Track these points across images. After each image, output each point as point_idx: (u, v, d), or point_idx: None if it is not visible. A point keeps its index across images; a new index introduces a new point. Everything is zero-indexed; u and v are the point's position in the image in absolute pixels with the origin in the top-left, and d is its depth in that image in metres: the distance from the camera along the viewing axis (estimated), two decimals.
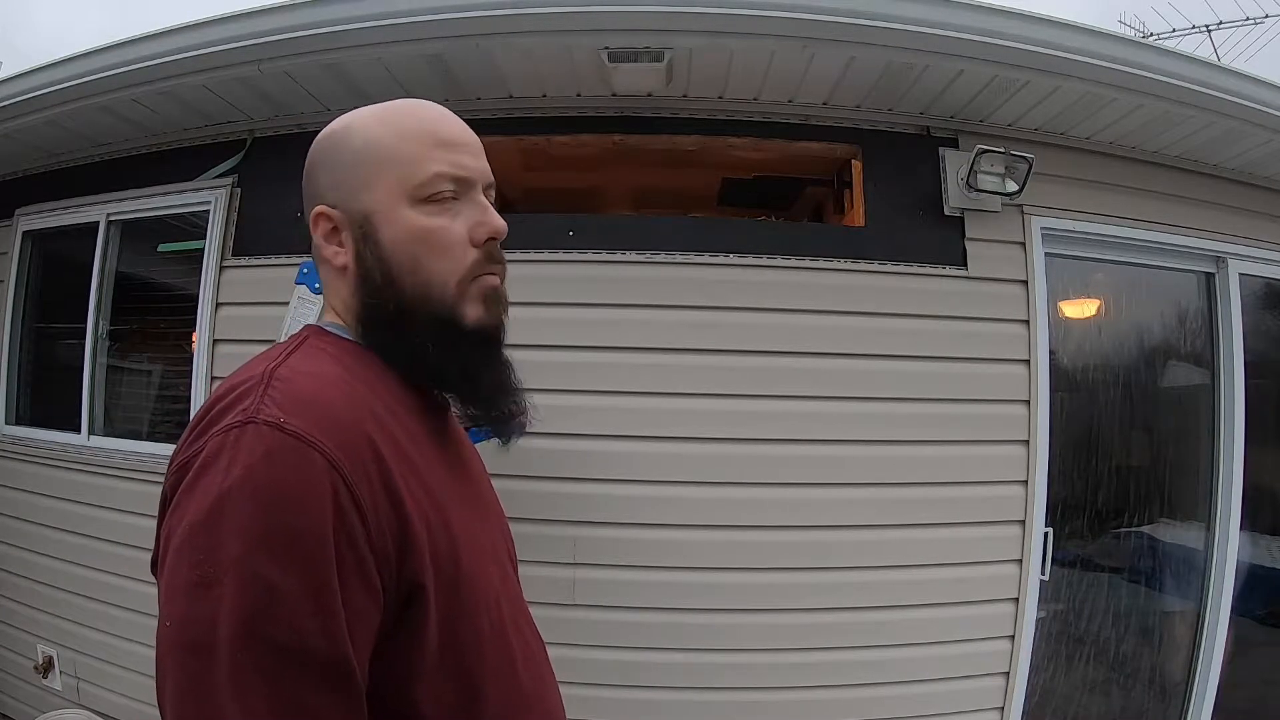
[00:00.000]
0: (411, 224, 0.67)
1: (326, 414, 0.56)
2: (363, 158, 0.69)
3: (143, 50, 2.20)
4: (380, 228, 0.68)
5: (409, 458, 0.62)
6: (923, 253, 2.24)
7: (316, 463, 0.53)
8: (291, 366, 0.61)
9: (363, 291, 0.69)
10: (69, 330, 2.87)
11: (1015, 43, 1.94)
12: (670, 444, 2.14)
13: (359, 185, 0.68)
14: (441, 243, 0.68)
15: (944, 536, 2.17)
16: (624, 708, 2.10)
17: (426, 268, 0.67)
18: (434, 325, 0.68)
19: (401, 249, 0.67)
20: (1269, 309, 2.76)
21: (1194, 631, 2.50)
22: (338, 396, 0.59)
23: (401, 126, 0.69)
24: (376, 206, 0.68)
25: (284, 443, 0.53)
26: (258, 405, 0.55)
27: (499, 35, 1.96)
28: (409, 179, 0.67)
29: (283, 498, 0.51)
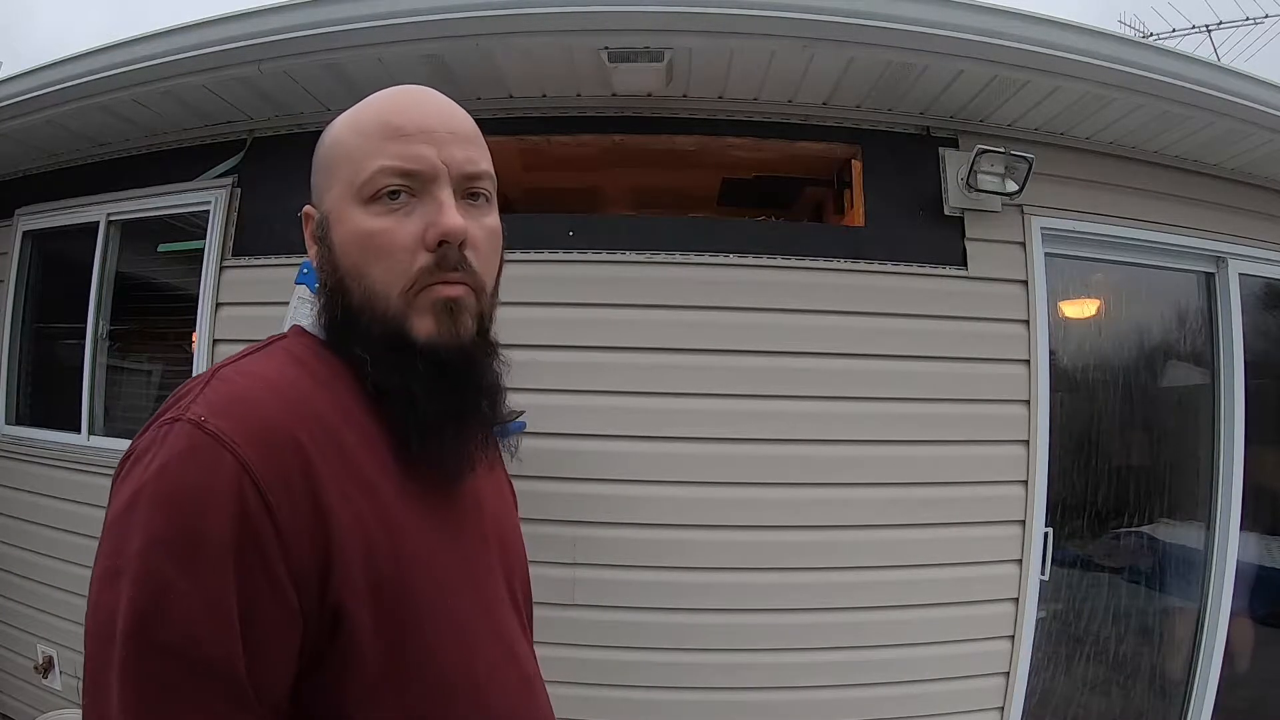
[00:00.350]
0: (354, 225, 0.62)
1: (252, 415, 0.54)
2: (328, 158, 0.66)
3: (143, 50, 2.20)
4: (332, 229, 0.64)
5: (359, 471, 0.57)
6: (923, 253, 2.24)
7: (226, 465, 0.50)
8: (241, 366, 0.59)
9: (321, 294, 0.66)
10: (69, 330, 2.87)
11: (1015, 43, 1.94)
12: (670, 444, 2.14)
13: (323, 186, 0.66)
14: (381, 246, 0.61)
15: (944, 536, 2.17)
16: (624, 708, 2.10)
17: (369, 274, 0.62)
18: (382, 338, 0.61)
19: (347, 251, 0.63)
20: (1269, 309, 2.76)
21: (1194, 631, 2.50)
22: (272, 398, 0.56)
23: (358, 120, 0.65)
24: (331, 207, 0.65)
25: (200, 442, 0.51)
26: (189, 403, 0.54)
27: (499, 35, 1.96)
28: (355, 176, 0.63)
29: (187, 499, 0.50)
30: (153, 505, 0.50)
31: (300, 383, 0.59)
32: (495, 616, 0.68)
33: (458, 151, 0.64)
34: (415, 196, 0.62)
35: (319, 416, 0.57)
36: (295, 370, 0.60)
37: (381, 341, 0.61)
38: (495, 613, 0.68)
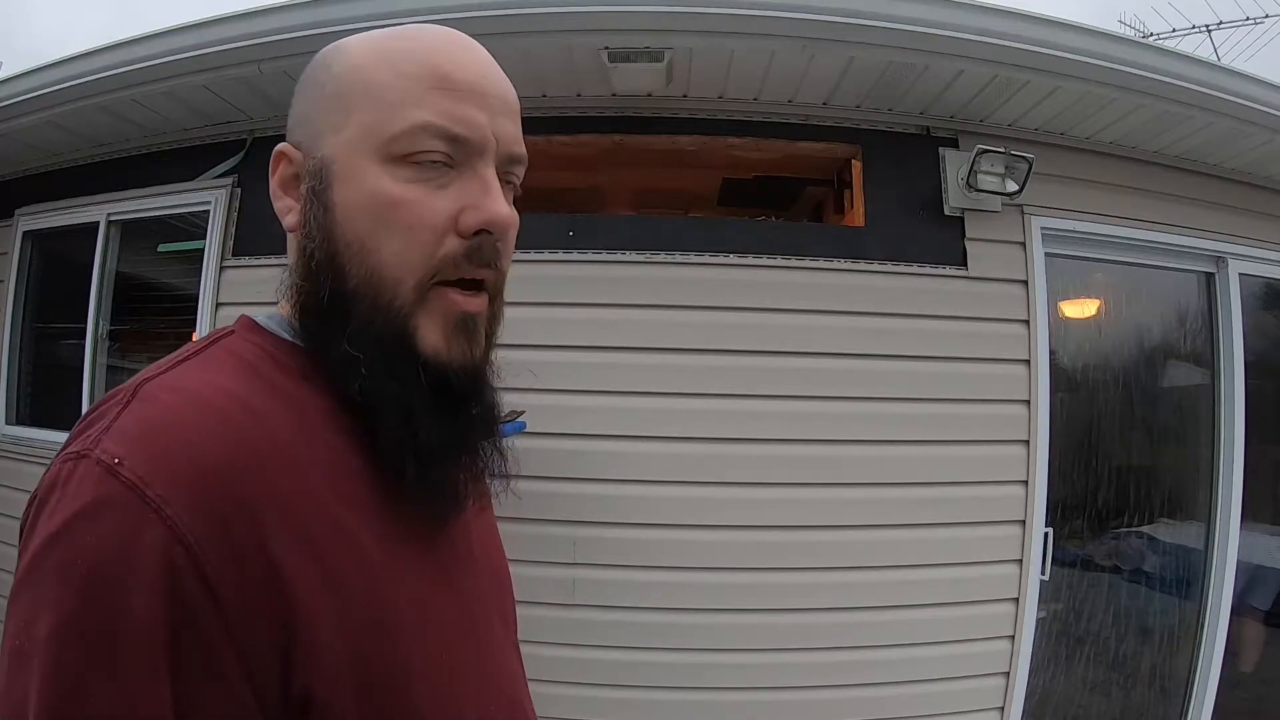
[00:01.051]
0: (372, 187, 0.49)
1: (184, 455, 0.40)
2: (340, 88, 0.51)
3: (143, 50, 2.20)
4: (335, 184, 0.50)
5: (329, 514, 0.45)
6: (923, 253, 2.24)
7: (149, 528, 0.38)
8: (172, 379, 0.45)
9: (299, 267, 0.52)
10: (69, 330, 2.87)
11: (1015, 43, 1.94)
12: (670, 444, 2.14)
13: (327, 124, 0.51)
14: (405, 220, 0.49)
15: (944, 536, 2.17)
16: (624, 708, 2.10)
17: (378, 251, 0.49)
18: (380, 336, 0.49)
19: (353, 218, 0.49)
20: (1269, 309, 2.76)
21: (1194, 631, 2.50)
22: (213, 425, 0.42)
23: (393, 53, 0.51)
24: (337, 154, 0.50)
25: (112, 494, 0.39)
26: (101, 433, 0.41)
27: (499, 35, 1.96)
28: (384, 125, 0.49)
29: (101, 574, 0.38)
30: (61, 577, 0.38)
31: (252, 400, 0.45)
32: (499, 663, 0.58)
33: (509, 125, 0.54)
34: (453, 168, 0.50)
35: (276, 447, 0.44)
36: (245, 381, 0.47)
37: (378, 340, 0.48)
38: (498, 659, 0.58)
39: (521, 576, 0.85)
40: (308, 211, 0.51)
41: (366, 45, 0.52)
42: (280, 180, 0.54)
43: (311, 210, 0.51)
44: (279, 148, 0.53)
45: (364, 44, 0.53)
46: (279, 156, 0.53)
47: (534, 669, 0.63)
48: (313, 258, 0.51)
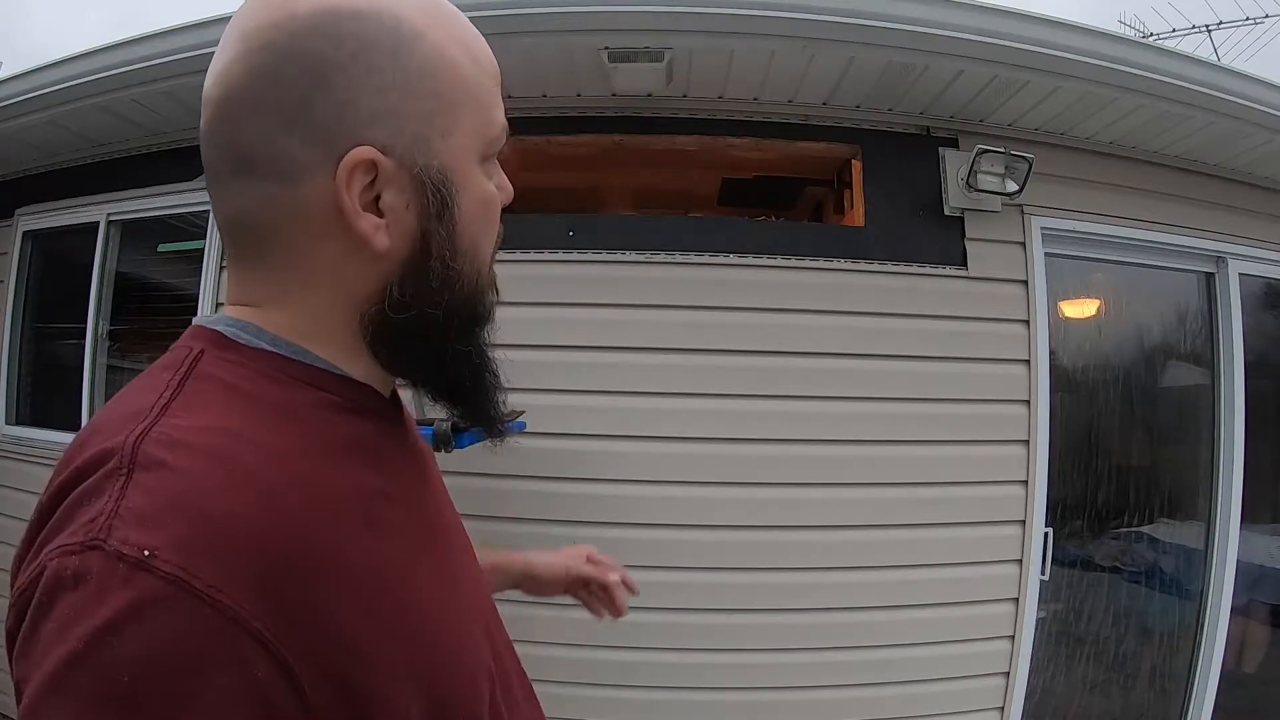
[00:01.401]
0: (483, 191, 0.49)
1: (224, 529, 0.35)
2: (444, 83, 0.45)
3: (143, 50, 2.20)
4: (460, 194, 0.47)
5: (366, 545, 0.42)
6: (923, 253, 2.24)
7: (209, 625, 0.33)
8: (169, 431, 0.38)
9: (409, 291, 0.46)
10: (69, 330, 2.87)
11: (1015, 43, 1.94)
12: (670, 444, 2.14)
13: (434, 126, 0.45)
14: (495, 216, 0.51)
15: (944, 536, 2.17)
16: (624, 708, 2.10)
17: (483, 251, 0.50)
18: (468, 326, 0.51)
19: (470, 224, 0.48)
20: (1269, 309, 2.76)
21: (1194, 631, 2.50)
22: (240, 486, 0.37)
23: (474, 48, 0.48)
24: (453, 161, 0.46)
25: (154, 593, 0.32)
26: (110, 517, 0.34)
27: (499, 35, 1.96)
28: (486, 127, 0.48)
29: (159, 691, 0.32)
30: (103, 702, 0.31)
31: (261, 435, 0.40)
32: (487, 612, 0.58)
33: None
34: None
35: (303, 487, 0.40)
36: (245, 414, 0.41)
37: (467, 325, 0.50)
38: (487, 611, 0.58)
39: None
40: (431, 227, 0.46)
41: (440, 28, 0.46)
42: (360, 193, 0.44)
43: (432, 226, 0.46)
44: (366, 155, 0.43)
45: (436, 25, 0.46)
46: (367, 165, 0.43)
47: (534, 669, 0.63)
48: (435, 273, 0.46)
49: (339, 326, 0.47)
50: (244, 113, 0.43)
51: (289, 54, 0.42)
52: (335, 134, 0.42)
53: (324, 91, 0.42)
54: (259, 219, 0.45)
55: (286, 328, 0.46)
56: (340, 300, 0.47)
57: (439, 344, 0.49)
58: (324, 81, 0.42)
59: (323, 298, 0.46)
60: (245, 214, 0.45)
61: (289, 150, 0.43)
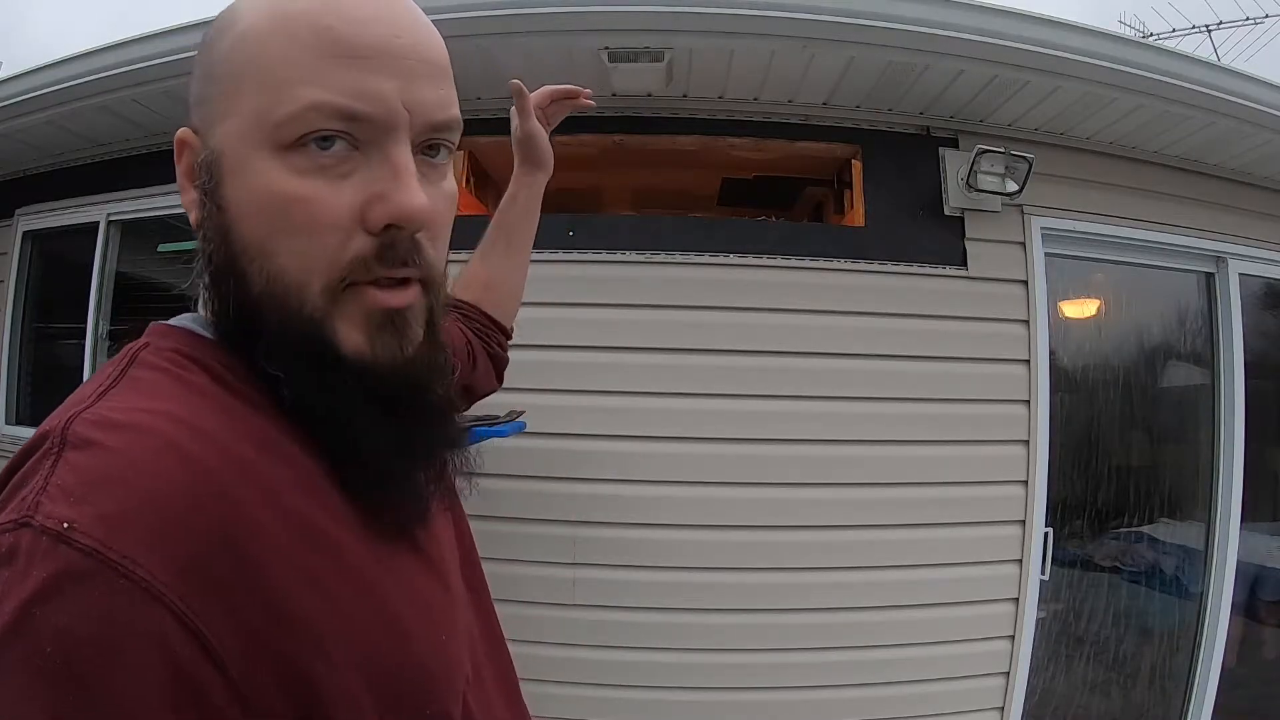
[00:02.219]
0: (264, 184, 0.43)
1: (144, 502, 0.35)
2: (230, 64, 0.44)
3: (143, 50, 2.20)
4: (225, 181, 0.44)
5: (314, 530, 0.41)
6: (923, 253, 2.24)
7: (123, 597, 0.33)
8: (103, 411, 0.38)
9: (203, 269, 0.46)
10: (69, 330, 2.87)
11: (1015, 43, 1.94)
12: (670, 444, 2.13)
13: (217, 105, 0.45)
14: (302, 219, 0.42)
15: (944, 536, 2.17)
16: (624, 708, 2.10)
17: (277, 255, 0.43)
18: (295, 343, 0.43)
19: (248, 218, 0.43)
20: (1269, 309, 2.76)
21: (1194, 631, 2.50)
22: (166, 461, 0.36)
23: (291, 18, 0.43)
24: (226, 145, 0.44)
25: (71, 566, 0.32)
26: (38, 493, 0.34)
27: (499, 35, 1.96)
28: (273, 108, 0.42)
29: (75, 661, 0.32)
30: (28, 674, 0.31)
31: (197, 419, 0.39)
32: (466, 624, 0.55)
33: (428, 90, 0.45)
34: (358, 149, 0.43)
35: (238, 467, 0.39)
36: (183, 399, 0.41)
37: (296, 350, 0.43)
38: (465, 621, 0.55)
39: (521, 576, 0.85)
40: (204, 206, 0.45)
41: (261, 7, 0.44)
42: (185, 170, 0.46)
43: (206, 209, 0.45)
44: (179, 133, 0.46)
45: (260, 8, 0.44)
46: (180, 144, 0.46)
47: (534, 669, 0.63)
48: (211, 260, 0.45)
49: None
50: None
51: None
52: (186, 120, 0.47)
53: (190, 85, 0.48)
54: None
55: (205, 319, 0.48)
56: None
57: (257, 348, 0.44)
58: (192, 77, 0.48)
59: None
60: None
61: None
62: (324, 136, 0.42)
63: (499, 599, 0.63)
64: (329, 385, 0.44)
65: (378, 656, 0.42)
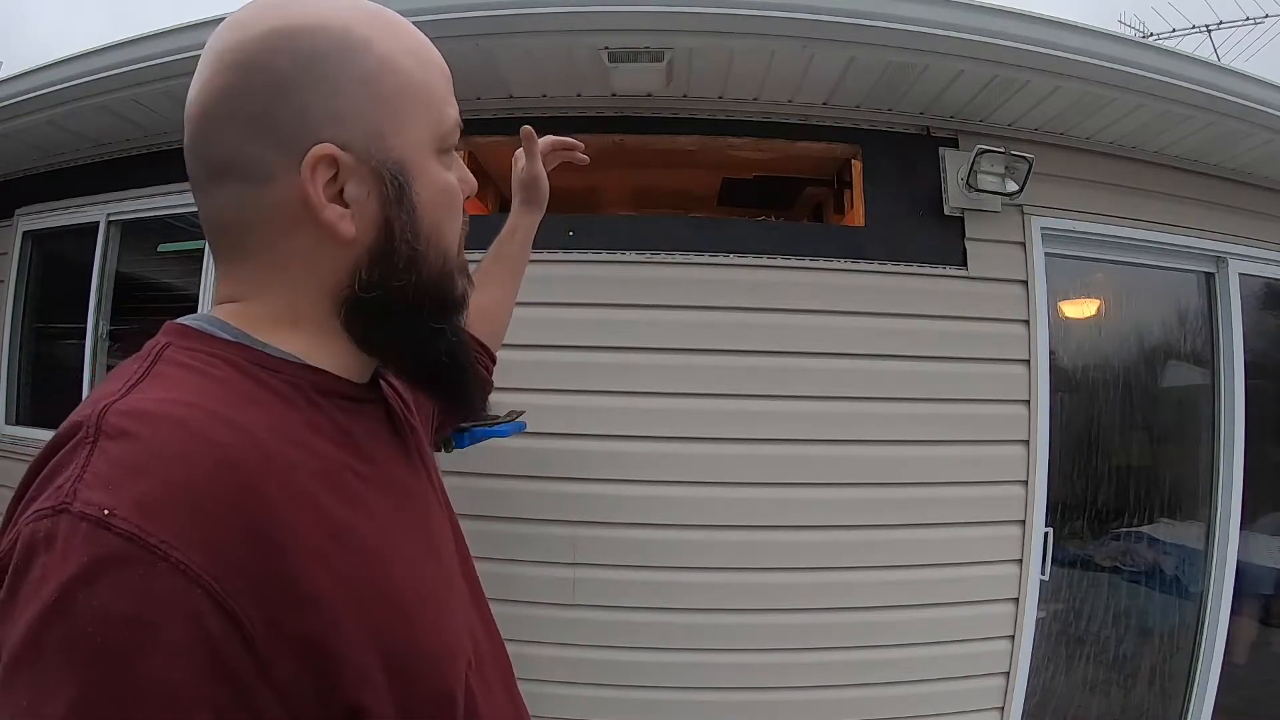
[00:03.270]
0: (441, 180, 0.54)
1: (178, 488, 0.37)
2: (390, 85, 0.50)
3: (143, 50, 2.20)
4: (415, 182, 0.52)
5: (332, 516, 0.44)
6: (923, 253, 2.24)
7: (162, 579, 0.35)
8: (134, 402, 0.41)
9: (376, 272, 0.51)
10: (69, 330, 2.87)
11: (1015, 43, 1.94)
12: (670, 444, 2.13)
13: (386, 124, 0.50)
14: (456, 203, 0.56)
15: (944, 536, 2.17)
16: (624, 708, 2.10)
17: (446, 236, 0.55)
18: (441, 307, 0.55)
19: (430, 211, 0.53)
20: (1269, 309, 2.76)
21: (1194, 631, 2.50)
22: (197, 450, 0.39)
23: (420, 52, 0.53)
24: (408, 155, 0.51)
25: (112, 550, 0.35)
26: (75, 481, 0.37)
27: (499, 35, 1.96)
28: (439, 123, 0.53)
29: (116, 640, 0.34)
30: (69, 652, 0.34)
31: (222, 409, 0.43)
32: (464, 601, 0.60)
33: None
34: None
35: (262, 455, 0.42)
36: (207, 391, 0.44)
37: (440, 310, 0.55)
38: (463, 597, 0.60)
39: (521, 576, 0.85)
40: (393, 214, 0.51)
41: (385, 36, 0.51)
42: (325, 186, 0.49)
43: (399, 211, 0.51)
44: (326, 151, 0.48)
45: (380, 34, 0.51)
46: (326, 160, 0.48)
47: (534, 669, 0.64)
48: (400, 257, 0.52)
49: (314, 312, 0.52)
50: (217, 126, 0.49)
51: (250, 70, 0.48)
52: (296, 136, 0.48)
53: (282, 100, 0.48)
54: (236, 219, 0.50)
55: (267, 319, 0.51)
56: (314, 287, 0.52)
57: (411, 322, 0.53)
58: (281, 92, 0.48)
59: (298, 287, 0.52)
60: (224, 216, 0.51)
61: (257, 155, 0.48)
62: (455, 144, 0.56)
63: (499, 599, 0.64)
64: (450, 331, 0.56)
65: (391, 637, 0.45)
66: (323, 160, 0.48)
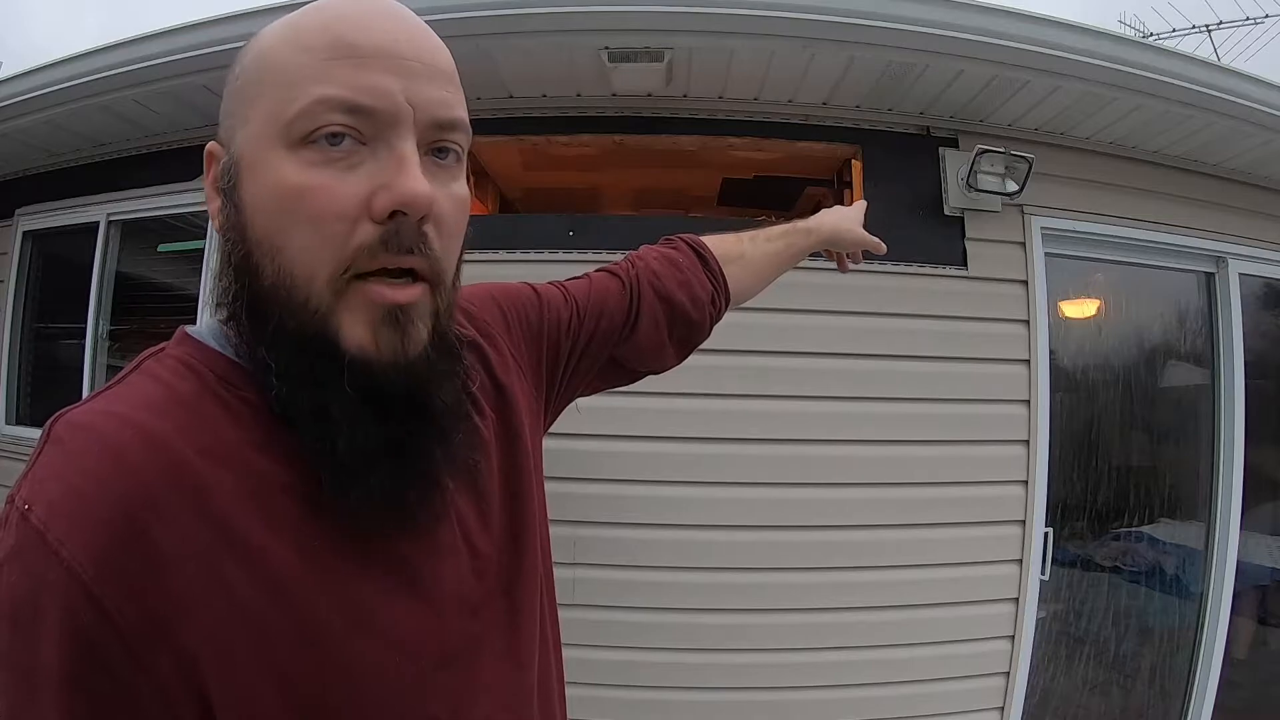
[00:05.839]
0: (276, 178, 0.45)
1: (78, 497, 0.41)
2: (247, 77, 0.48)
3: (143, 50, 2.20)
4: (243, 180, 0.47)
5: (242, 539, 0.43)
6: (923, 253, 2.24)
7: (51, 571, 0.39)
8: (80, 414, 0.45)
9: (223, 271, 0.49)
10: (69, 330, 2.87)
11: (1015, 43, 1.94)
12: (670, 444, 2.13)
13: (237, 117, 0.48)
14: (310, 209, 0.44)
15: (944, 536, 2.17)
16: (624, 708, 2.10)
17: (286, 247, 0.45)
18: (296, 338, 0.45)
19: (262, 214, 0.45)
20: (1269, 309, 2.76)
21: (1194, 631, 2.50)
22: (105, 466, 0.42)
23: (298, 29, 0.47)
24: (244, 149, 0.47)
25: (24, 540, 0.40)
26: (24, 477, 0.43)
27: (499, 35, 1.96)
28: (284, 108, 0.45)
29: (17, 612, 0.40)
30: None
31: (155, 426, 0.43)
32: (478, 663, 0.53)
33: (430, 89, 0.46)
34: (365, 144, 0.45)
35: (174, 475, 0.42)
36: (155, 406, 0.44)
37: (297, 343, 0.45)
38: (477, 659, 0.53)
39: None
40: (224, 211, 0.48)
41: (276, 27, 0.49)
42: (211, 180, 0.50)
43: (226, 210, 0.48)
44: (208, 146, 0.51)
45: (275, 26, 0.49)
46: (208, 156, 0.51)
47: None
48: (230, 259, 0.48)
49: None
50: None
51: None
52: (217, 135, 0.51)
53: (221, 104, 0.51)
54: None
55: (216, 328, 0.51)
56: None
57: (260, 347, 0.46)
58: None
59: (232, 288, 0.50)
60: None
61: None
62: (333, 133, 0.44)
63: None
64: (321, 379, 0.45)
65: (296, 669, 0.43)
66: (207, 155, 0.51)
